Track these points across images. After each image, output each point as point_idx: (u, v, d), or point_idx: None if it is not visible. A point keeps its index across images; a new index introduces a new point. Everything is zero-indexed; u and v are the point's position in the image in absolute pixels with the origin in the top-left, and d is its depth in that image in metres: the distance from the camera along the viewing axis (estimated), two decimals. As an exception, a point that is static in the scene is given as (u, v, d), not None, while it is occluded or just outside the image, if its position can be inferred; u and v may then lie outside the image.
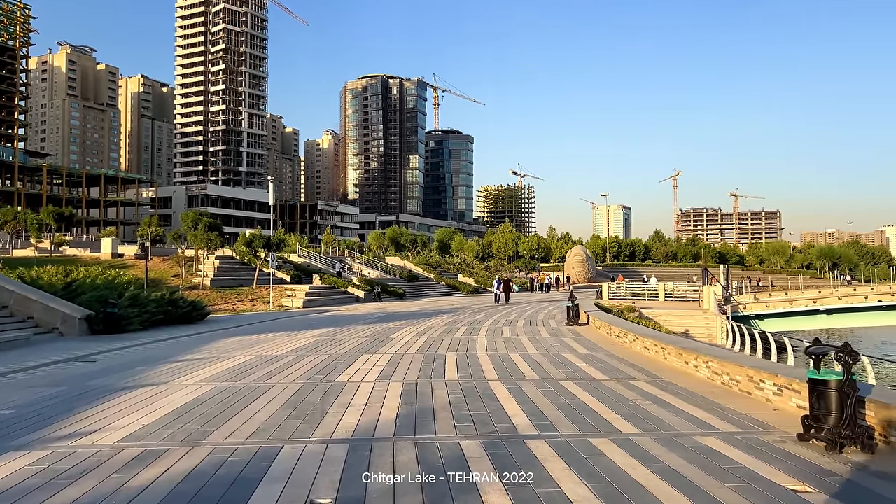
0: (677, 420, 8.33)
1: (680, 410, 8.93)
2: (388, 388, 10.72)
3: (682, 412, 8.82)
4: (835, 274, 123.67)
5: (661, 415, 8.64)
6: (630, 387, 10.84)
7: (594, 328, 21.79)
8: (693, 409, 9.02)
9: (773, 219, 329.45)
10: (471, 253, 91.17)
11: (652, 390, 10.49)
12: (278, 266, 46.96)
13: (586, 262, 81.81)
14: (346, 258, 61.75)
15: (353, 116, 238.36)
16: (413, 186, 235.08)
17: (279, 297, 37.79)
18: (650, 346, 14.61)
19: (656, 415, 8.64)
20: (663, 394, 10.16)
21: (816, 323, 40.91)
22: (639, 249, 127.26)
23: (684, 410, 8.93)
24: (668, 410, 8.93)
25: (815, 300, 41.09)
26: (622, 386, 10.92)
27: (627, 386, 10.92)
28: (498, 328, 22.18)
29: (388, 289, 47.45)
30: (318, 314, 31.30)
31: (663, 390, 10.47)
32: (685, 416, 8.55)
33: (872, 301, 40.42)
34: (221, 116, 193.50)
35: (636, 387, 10.84)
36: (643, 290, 48.66)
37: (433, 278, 61.72)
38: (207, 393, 10.46)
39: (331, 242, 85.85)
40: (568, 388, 10.70)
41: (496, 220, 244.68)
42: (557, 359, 14.32)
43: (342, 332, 21.38)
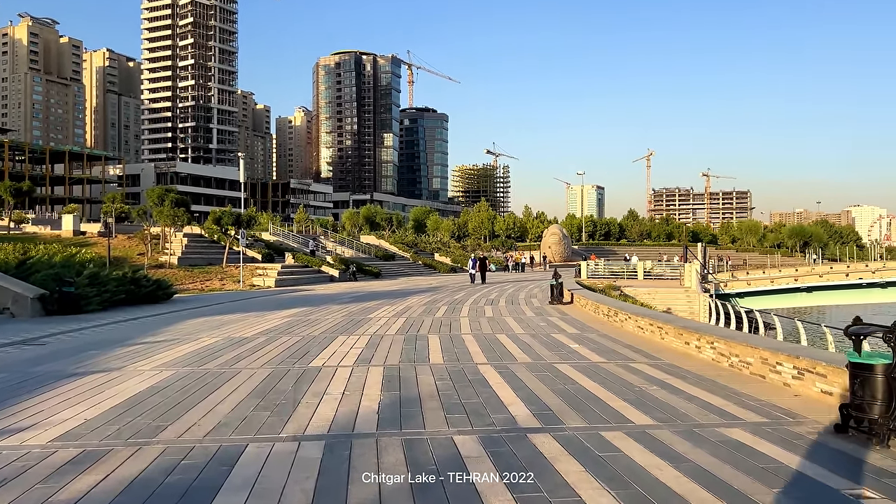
0: (692, 408, 7.46)
1: (692, 396, 8.06)
2: (368, 373, 9.72)
3: (696, 398, 7.97)
4: (806, 253, 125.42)
5: (673, 402, 7.77)
6: (631, 370, 9.98)
7: (579, 307, 20.99)
8: (706, 394, 8.17)
9: (743, 199, 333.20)
10: (447, 232, 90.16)
11: (656, 373, 9.64)
12: (249, 244, 45.50)
13: (563, 241, 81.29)
14: (320, 237, 60.34)
15: (326, 93, 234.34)
16: (387, 165, 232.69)
17: (250, 276, 36.48)
18: (644, 326, 13.79)
19: (668, 402, 7.77)
20: (669, 377, 9.31)
21: (796, 301, 40.81)
22: (614, 229, 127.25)
23: (697, 396, 8.07)
24: (679, 396, 8.07)
25: (796, 278, 40.92)
26: (623, 369, 10.05)
27: (628, 369, 10.06)
28: (480, 307, 21.27)
29: (364, 268, 46.31)
30: (291, 294, 30.13)
31: (668, 373, 9.63)
32: (699, 404, 7.68)
33: (853, 279, 40.37)
34: (190, 92, 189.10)
35: (638, 370, 9.98)
36: (622, 269, 48.15)
37: (409, 257, 60.65)
38: (165, 380, 9.37)
39: (304, 221, 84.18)
40: (564, 371, 9.80)
41: (471, 199, 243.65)
42: (547, 339, 13.44)
43: (316, 311, 20.31)
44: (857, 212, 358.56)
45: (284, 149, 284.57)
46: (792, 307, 38.61)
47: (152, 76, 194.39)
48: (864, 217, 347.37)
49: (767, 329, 19.95)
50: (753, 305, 34.96)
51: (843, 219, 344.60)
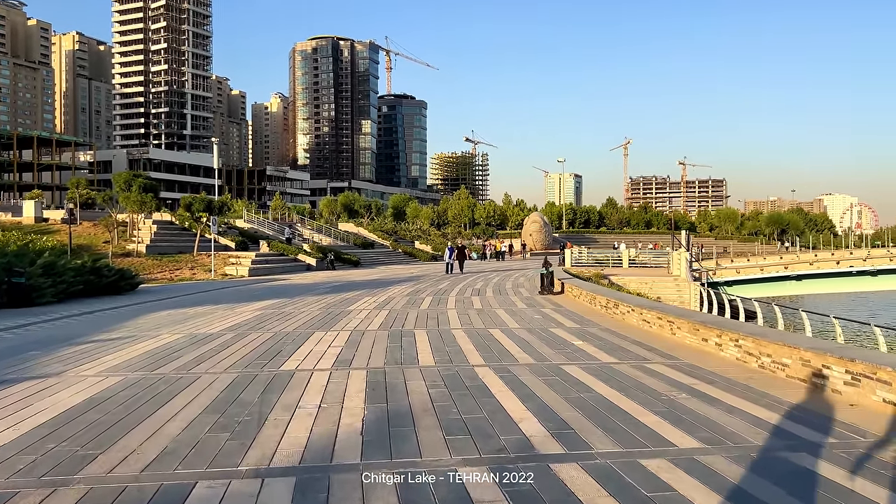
0: (739, 424, 6.24)
1: (732, 408, 6.85)
2: (349, 379, 8.39)
3: (737, 410, 6.76)
4: (783, 240, 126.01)
5: (713, 415, 6.55)
6: (649, 372, 8.76)
7: (572, 297, 19.81)
8: (746, 404, 6.97)
9: (719, 187, 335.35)
10: (426, 220, 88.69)
11: (678, 377, 8.43)
12: (223, 232, 43.77)
13: (544, 228, 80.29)
14: (297, 224, 58.60)
15: (303, 79, 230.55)
16: (365, 152, 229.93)
17: (222, 265, 34.84)
18: (651, 320, 12.60)
19: (706, 415, 6.55)
20: (696, 382, 8.10)
21: (786, 289, 40.14)
22: (593, 216, 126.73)
23: (737, 407, 6.86)
24: (716, 408, 6.85)
25: (786, 266, 40.21)
26: (639, 371, 8.83)
27: (646, 371, 8.84)
28: (467, 298, 19.98)
29: (342, 256, 44.80)
30: (265, 284, 28.61)
31: (692, 376, 8.42)
32: (744, 417, 6.47)
33: (844, 266, 39.75)
34: (163, 77, 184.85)
35: (657, 372, 8.76)
36: (606, 257, 47.21)
37: (389, 245, 59.19)
38: (109, 389, 7.95)
39: (280, 208, 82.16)
40: (574, 375, 8.55)
41: (450, 187, 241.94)
42: (547, 335, 12.19)
43: (291, 304, 18.89)
44: (829, 200, 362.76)
45: (260, 135, 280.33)
46: (781, 296, 37.94)
47: (124, 60, 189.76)
48: (835, 205, 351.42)
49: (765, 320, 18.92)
50: (742, 294, 34.09)
51: (815, 207, 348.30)
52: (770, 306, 18.87)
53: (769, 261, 41.66)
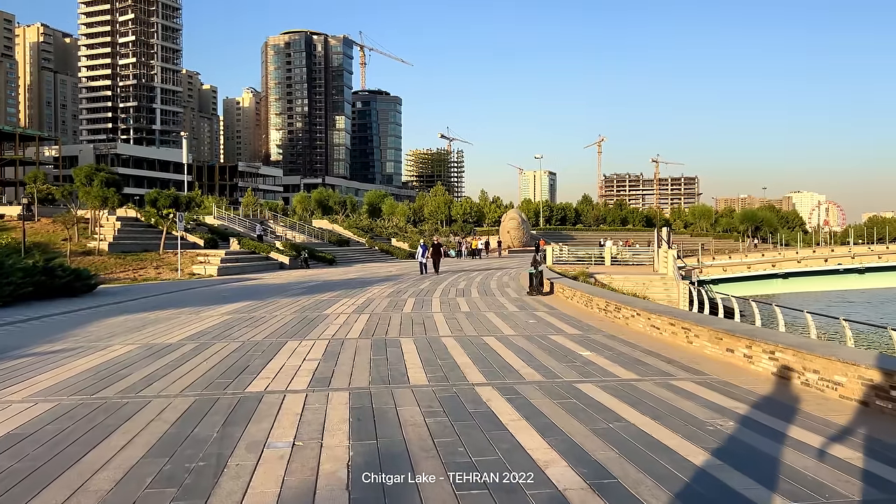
0: (819, 469, 5.02)
1: (801, 443, 5.63)
2: (329, 404, 7.03)
3: (806, 447, 5.54)
4: (755, 237, 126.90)
5: (788, 456, 5.31)
6: (678, 391, 7.54)
7: (564, 298, 18.62)
8: (813, 437, 5.77)
9: (691, 184, 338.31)
10: (402, 217, 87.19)
11: (715, 398, 7.22)
12: (191, 229, 41.94)
13: (521, 225, 79.32)
14: (269, 221, 56.74)
15: (276, 74, 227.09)
16: (340, 148, 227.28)
17: (190, 263, 33.10)
18: (662, 326, 11.41)
19: (772, 454, 5.33)
20: (737, 405, 6.90)
21: (773, 287, 39.48)
22: (570, 214, 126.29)
23: (805, 442, 5.64)
24: (778, 442, 5.64)
25: (773, 264, 39.57)
26: (666, 390, 7.60)
27: (673, 390, 7.62)
28: (452, 300, 18.67)
29: (317, 254, 43.21)
30: (235, 284, 27.02)
31: (730, 397, 7.22)
32: (823, 459, 5.25)
33: (832, 264, 39.23)
34: (131, 70, 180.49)
35: (687, 391, 7.55)
36: (588, 254, 46.30)
37: (365, 243, 57.65)
38: (34, 422, 6.50)
39: (252, 205, 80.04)
40: (594, 396, 7.30)
41: (425, 184, 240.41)
42: (548, 344, 10.94)
43: (262, 307, 17.42)
44: (797, 198, 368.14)
45: (232, 131, 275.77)
46: (768, 294, 37.30)
47: (90, 53, 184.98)
48: (803, 203, 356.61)
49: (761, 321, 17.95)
50: (729, 292, 33.30)
51: (784, 204, 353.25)
52: (771, 307, 17.88)
53: (756, 258, 41.03)
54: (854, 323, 15.19)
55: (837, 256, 39.48)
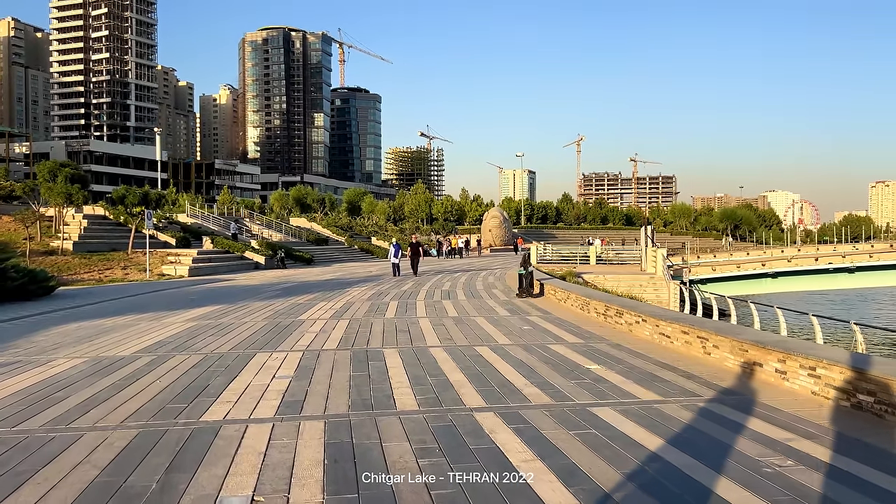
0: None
1: (888, 493, 4.54)
2: (300, 438, 5.81)
3: None
4: (735, 236, 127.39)
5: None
6: (715, 417, 6.43)
7: (557, 301, 17.52)
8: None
9: (669, 183, 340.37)
10: (382, 215, 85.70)
11: (762, 427, 6.11)
12: (162, 227, 40.31)
13: (503, 224, 78.27)
14: (245, 219, 55.09)
15: (253, 70, 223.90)
16: (318, 146, 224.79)
17: (160, 263, 31.54)
18: (673, 334, 10.32)
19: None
20: (791, 437, 5.79)
21: (763, 287, 38.77)
22: (550, 212, 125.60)
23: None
24: (861, 492, 4.54)
25: (763, 263, 38.86)
26: (700, 416, 6.48)
27: (708, 416, 6.50)
28: (438, 304, 17.48)
29: (294, 253, 41.76)
30: (207, 285, 25.59)
31: (778, 426, 6.12)
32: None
33: (823, 263, 38.62)
34: (105, 66, 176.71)
35: (724, 417, 6.44)
36: (572, 253, 45.39)
37: (344, 242, 56.22)
38: (-72, 467, 5.21)
39: (228, 203, 78.18)
40: (616, 425, 6.15)
41: (405, 182, 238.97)
42: (549, 355, 9.79)
43: (232, 311, 16.09)
44: (772, 196, 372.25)
45: (209, 128, 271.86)
46: (758, 294, 36.57)
47: (63, 48, 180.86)
48: (778, 201, 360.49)
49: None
50: (718, 292, 32.47)
51: (760, 203, 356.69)
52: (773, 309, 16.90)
53: (743, 258, 40.33)
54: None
55: (828, 255, 38.89)
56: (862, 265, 37.38)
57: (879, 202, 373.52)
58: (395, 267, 29.47)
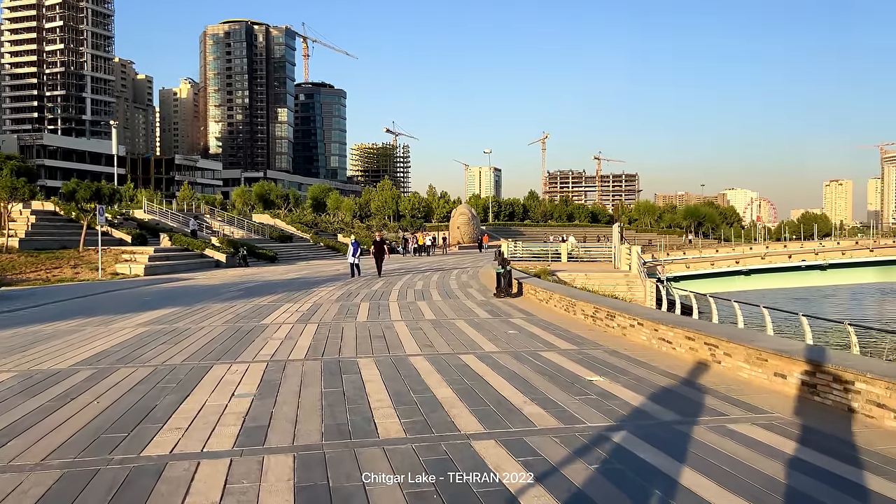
0: None
1: None
2: (263, 479, 4.72)
3: None
4: (696, 232, 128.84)
5: None
6: (750, 443, 5.52)
7: (537, 301, 16.61)
8: None
9: (632, 181, 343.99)
10: (348, 212, 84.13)
11: (811, 457, 5.22)
12: (118, 223, 38.49)
13: (472, 221, 77.41)
14: (205, 215, 53.18)
15: (215, 64, 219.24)
16: (282, 142, 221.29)
17: (113, 262, 29.86)
18: (675, 340, 9.45)
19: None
20: (851, 470, 4.91)
21: (736, 284, 38.48)
22: (518, 209, 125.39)
23: None
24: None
25: (737, 260, 38.63)
26: (733, 442, 5.57)
27: (742, 441, 5.59)
28: (413, 305, 16.41)
29: (257, 251, 40.27)
30: (163, 285, 24.11)
31: (834, 456, 5.24)
32: None
33: (796, 260, 38.55)
34: (59, 57, 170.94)
35: (760, 443, 5.54)
36: (543, 250, 44.81)
37: (310, 239, 54.71)
38: None
39: (188, 199, 75.87)
40: (643, 455, 5.21)
41: (371, 179, 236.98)
42: (543, 364, 8.82)
43: (189, 314, 14.80)
44: (731, 195, 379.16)
45: (169, 122, 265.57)
46: (732, 291, 36.26)
47: (14, 38, 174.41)
48: (737, 199, 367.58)
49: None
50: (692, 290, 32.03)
51: (720, 201, 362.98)
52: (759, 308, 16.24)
53: (718, 254, 40.09)
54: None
55: (801, 253, 38.91)
56: (834, 262, 37.40)
57: (833, 200, 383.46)
58: (355, 267, 26.58)
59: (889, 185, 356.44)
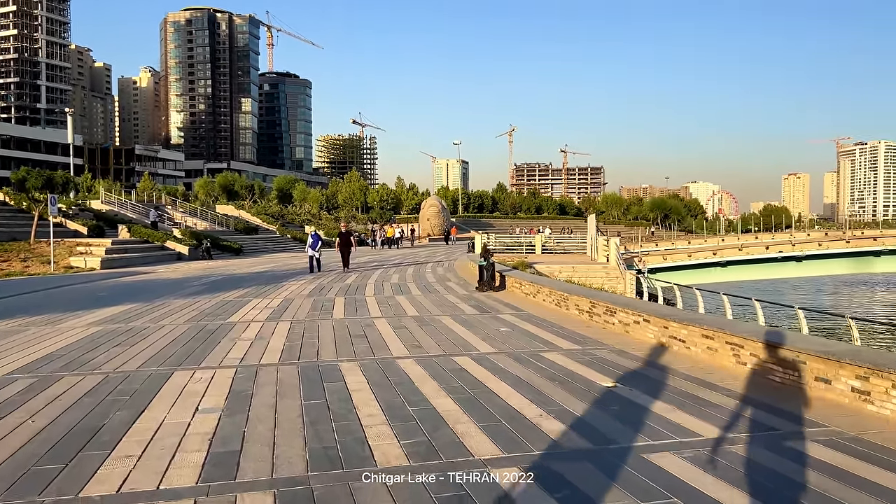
0: None
1: None
2: (237, 535, 3.69)
3: None
4: (657, 225, 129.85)
5: None
6: (818, 467, 4.66)
7: (523, 295, 15.70)
8: None
9: (597, 174, 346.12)
10: (315, 203, 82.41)
11: (891, 481, 4.37)
12: (73, 214, 36.56)
13: (442, 213, 76.45)
14: (167, 206, 51.19)
15: (176, 52, 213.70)
16: (246, 132, 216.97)
17: (67, 254, 28.13)
18: (689, 338, 8.60)
19: None
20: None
21: (712, 276, 38.16)
22: (487, 201, 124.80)
23: None
24: None
25: (714, 252, 38.32)
26: (799, 465, 4.70)
27: (810, 465, 4.73)
28: (392, 300, 15.36)
29: (221, 243, 38.69)
30: (121, 279, 22.63)
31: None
32: None
33: (773, 252, 38.37)
34: (12, 43, 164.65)
35: (830, 465, 4.68)
36: (517, 242, 44.15)
37: (276, 231, 53.10)
38: None
39: (149, 189, 73.39)
40: (702, 487, 4.30)
41: (337, 170, 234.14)
42: (549, 368, 7.88)
43: (148, 312, 13.54)
44: (694, 188, 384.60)
45: (129, 112, 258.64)
46: (709, 283, 35.90)
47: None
48: (700, 192, 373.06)
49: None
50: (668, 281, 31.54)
51: (683, 193, 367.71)
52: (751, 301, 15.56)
53: (695, 245, 39.78)
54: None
55: (778, 244, 38.74)
56: (811, 254, 37.36)
57: (791, 193, 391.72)
58: (315, 262, 24.10)
59: (845, 178, 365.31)
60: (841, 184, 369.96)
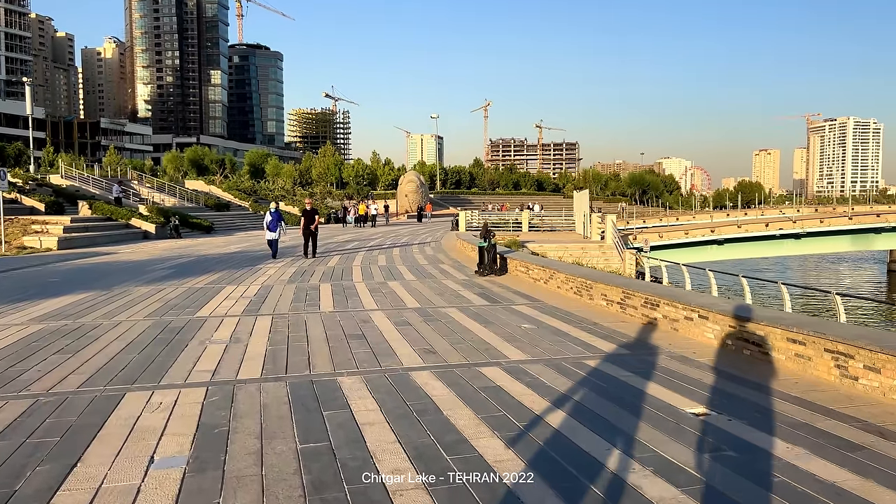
0: None
1: None
2: None
3: None
4: (635, 200, 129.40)
5: None
6: None
7: (531, 281, 14.06)
8: None
9: (572, 150, 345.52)
10: (289, 179, 79.68)
11: None
12: (30, 190, 34.07)
13: (420, 189, 74.51)
14: (133, 181, 48.51)
15: (142, 22, 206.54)
16: (216, 105, 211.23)
17: (20, 233, 25.83)
18: (777, 345, 7.01)
19: None
20: None
21: (709, 254, 36.90)
22: (464, 177, 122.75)
23: None
24: None
25: (712, 229, 37.03)
26: None
27: None
28: (385, 288, 13.58)
29: (191, 220, 36.46)
30: (78, 261, 20.51)
31: None
32: None
33: (773, 229, 37.16)
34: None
35: None
36: (503, 220, 42.65)
37: (249, 207, 50.82)
38: None
39: (115, 164, 70.16)
40: None
41: (310, 145, 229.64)
42: (606, 385, 6.23)
43: (103, 303, 11.63)
44: (667, 163, 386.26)
45: (93, 84, 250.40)
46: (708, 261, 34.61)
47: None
48: (673, 168, 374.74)
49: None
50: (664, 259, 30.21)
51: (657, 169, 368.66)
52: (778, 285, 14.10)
53: (692, 222, 38.54)
54: None
55: (778, 220, 37.65)
56: (811, 231, 36.29)
57: (762, 169, 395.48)
58: (273, 245, 20.53)
59: (814, 154, 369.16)
60: (810, 160, 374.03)
